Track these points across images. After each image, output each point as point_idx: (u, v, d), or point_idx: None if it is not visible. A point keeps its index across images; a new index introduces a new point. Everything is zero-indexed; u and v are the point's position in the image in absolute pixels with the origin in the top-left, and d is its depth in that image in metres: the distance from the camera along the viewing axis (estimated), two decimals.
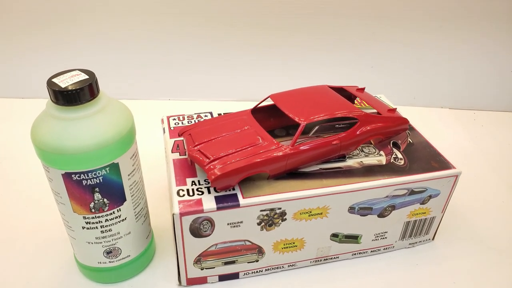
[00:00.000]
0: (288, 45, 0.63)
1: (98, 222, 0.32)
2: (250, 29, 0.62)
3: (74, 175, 0.29)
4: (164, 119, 0.41)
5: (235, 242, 0.34)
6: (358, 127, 0.36)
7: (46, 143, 0.28)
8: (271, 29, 0.62)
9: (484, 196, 0.47)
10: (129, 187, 0.32)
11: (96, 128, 0.29)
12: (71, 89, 0.27)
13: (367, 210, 0.35)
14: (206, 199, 0.32)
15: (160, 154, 0.50)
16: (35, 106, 0.61)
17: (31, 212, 0.43)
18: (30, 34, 0.62)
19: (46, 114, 0.29)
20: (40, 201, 0.44)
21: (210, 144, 0.34)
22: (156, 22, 0.61)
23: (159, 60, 0.64)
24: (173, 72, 0.65)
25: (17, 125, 0.58)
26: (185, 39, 0.63)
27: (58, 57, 0.64)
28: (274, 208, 0.32)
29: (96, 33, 0.62)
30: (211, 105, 0.65)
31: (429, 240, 0.41)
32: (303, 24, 0.61)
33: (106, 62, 0.64)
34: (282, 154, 0.33)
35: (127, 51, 0.64)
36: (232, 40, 0.63)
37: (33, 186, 0.47)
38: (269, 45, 0.63)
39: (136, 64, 0.65)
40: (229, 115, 0.38)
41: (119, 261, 0.35)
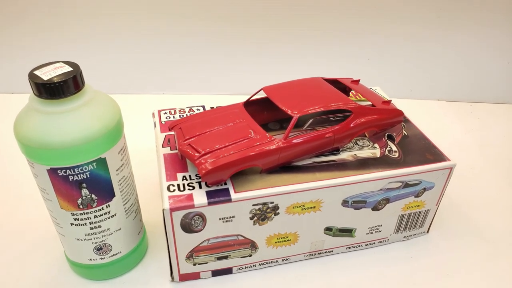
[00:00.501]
0: (282, 37, 0.62)
1: (86, 218, 0.31)
2: (244, 22, 0.61)
3: (59, 171, 0.28)
4: (155, 113, 0.40)
5: (228, 237, 0.33)
6: (352, 120, 0.35)
7: (29, 138, 0.28)
8: (265, 21, 0.61)
9: (480, 189, 0.47)
10: (117, 182, 0.31)
11: (81, 121, 0.28)
12: (55, 81, 0.27)
13: (361, 203, 0.35)
14: (197, 194, 0.31)
15: (152, 149, 0.49)
16: (19, 101, 0.61)
17: (19, 210, 0.43)
18: (16, 26, 0.61)
19: (29, 108, 0.28)
20: (28, 198, 0.44)
21: (201, 138, 0.33)
22: (149, 16, 0.60)
23: (153, 54, 0.63)
24: (166, 66, 0.64)
25: (1, 121, 0.57)
26: (179, 33, 0.61)
27: (47, 51, 0.63)
28: (267, 202, 0.32)
29: (89, 26, 0.61)
30: (205, 99, 0.64)
31: (423, 233, 0.40)
32: (298, 16, 0.60)
33: (99, 56, 0.63)
34: (275, 147, 0.32)
35: (121, 45, 0.63)
36: (225, 34, 0.62)
37: (21, 183, 0.46)
38: (263, 38, 0.62)
39: (130, 58, 0.64)
40: (221, 108, 0.37)
41: (110, 257, 0.34)
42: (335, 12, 0.60)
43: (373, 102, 0.38)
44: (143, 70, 0.64)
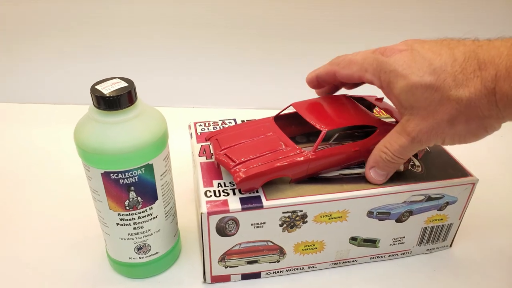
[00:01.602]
0: (308, 54, 0.65)
1: (131, 219, 0.34)
2: (272, 40, 0.64)
3: (112, 174, 0.32)
4: (191, 125, 0.44)
5: (258, 242, 0.36)
6: (377, 135, 0.37)
7: (87, 144, 0.31)
8: (291, 39, 0.64)
9: (501, 205, 0.47)
10: (161, 186, 0.34)
11: (134, 131, 0.31)
12: (113, 95, 0.30)
13: (385, 215, 0.37)
14: (231, 200, 0.34)
15: (184, 158, 0.53)
16: (72, 111, 0.66)
17: (67, 209, 0.46)
18: (66, 42, 0.67)
19: (88, 117, 0.32)
20: (76, 199, 0.47)
21: (235, 149, 0.36)
22: (179, 32, 0.65)
23: (183, 68, 0.68)
24: (197, 82, 0.68)
25: (60, 129, 0.61)
26: (209, 51, 0.66)
27: (85, 65, 0.68)
28: (296, 210, 0.34)
29: (122, 41, 0.66)
30: (233, 113, 0.67)
31: (446, 246, 0.41)
32: (323, 33, 0.63)
33: (132, 70, 0.68)
34: (304, 159, 0.35)
35: (153, 60, 0.67)
36: (254, 50, 0.65)
37: (70, 184, 0.50)
38: (289, 55, 0.65)
39: (162, 73, 0.68)
40: (253, 121, 0.40)
41: (149, 257, 0.37)
42: (358, 30, 0.63)
43: (397, 119, 0.40)
44: (174, 84, 0.69)
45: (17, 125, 0.63)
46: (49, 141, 0.59)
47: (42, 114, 0.66)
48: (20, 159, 0.55)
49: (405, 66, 0.31)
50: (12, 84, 0.70)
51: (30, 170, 0.53)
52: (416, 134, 0.32)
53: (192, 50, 0.66)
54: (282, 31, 0.64)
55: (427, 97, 0.30)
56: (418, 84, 0.30)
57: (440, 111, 0.30)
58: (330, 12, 0.62)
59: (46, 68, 0.68)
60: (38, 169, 0.53)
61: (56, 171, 0.53)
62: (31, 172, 0.53)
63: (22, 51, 0.67)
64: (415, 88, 0.30)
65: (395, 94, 0.32)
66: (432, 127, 0.31)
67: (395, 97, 0.32)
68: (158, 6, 0.63)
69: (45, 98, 0.69)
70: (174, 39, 0.65)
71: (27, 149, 0.58)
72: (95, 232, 0.42)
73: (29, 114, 0.66)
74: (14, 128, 0.62)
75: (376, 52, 0.33)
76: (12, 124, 0.63)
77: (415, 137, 0.32)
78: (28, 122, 0.64)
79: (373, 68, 0.33)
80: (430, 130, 0.31)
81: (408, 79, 0.31)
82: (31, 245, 0.42)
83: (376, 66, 0.33)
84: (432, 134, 0.31)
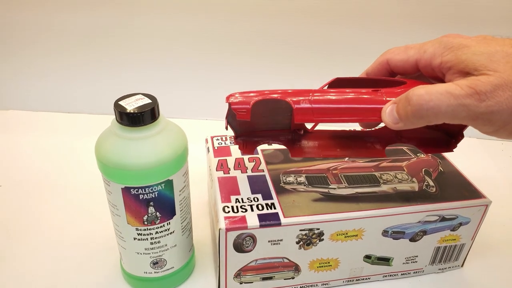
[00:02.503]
0: (324, 67, 0.66)
1: (149, 234, 0.34)
2: (287, 53, 0.65)
3: (132, 190, 0.32)
4: (208, 139, 0.44)
5: (274, 259, 0.36)
6: (406, 87, 0.31)
7: (109, 159, 0.31)
8: (308, 53, 0.65)
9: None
10: (179, 202, 0.34)
11: (156, 147, 0.32)
12: (137, 112, 0.31)
13: (399, 234, 0.37)
14: (249, 216, 0.34)
15: (198, 171, 0.53)
16: (90, 121, 0.66)
17: (82, 221, 0.46)
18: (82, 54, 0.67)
19: (110, 132, 0.32)
20: (90, 211, 0.47)
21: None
22: (194, 44, 0.65)
23: (196, 80, 0.68)
24: (209, 93, 0.69)
25: (77, 138, 0.62)
26: (223, 62, 0.66)
27: (97, 77, 0.69)
28: (313, 228, 0.34)
29: (135, 53, 0.67)
30: None
31: (458, 266, 0.42)
32: (342, 47, 0.64)
33: (146, 81, 0.68)
34: (306, 90, 0.32)
35: (166, 71, 0.68)
36: (268, 63, 0.66)
37: (85, 196, 0.50)
38: (305, 68, 0.65)
39: (174, 84, 0.68)
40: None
41: (164, 271, 0.37)
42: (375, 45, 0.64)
43: None
44: (188, 96, 0.69)
45: (34, 133, 0.63)
46: (65, 151, 0.59)
47: (60, 123, 0.67)
48: (37, 168, 0.55)
49: (479, 42, 0.27)
50: (33, 92, 0.70)
51: (47, 179, 0.53)
52: (487, 88, 0.25)
53: (207, 62, 0.66)
54: (300, 45, 0.64)
55: (508, 61, 0.26)
56: (500, 50, 0.26)
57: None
58: (348, 27, 0.63)
59: (66, 79, 0.69)
60: (54, 179, 0.53)
61: (72, 181, 0.53)
62: (47, 181, 0.53)
63: (45, 61, 0.68)
64: (495, 52, 0.26)
65: (463, 59, 0.27)
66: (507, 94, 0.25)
67: (463, 62, 0.27)
68: (171, 19, 0.64)
69: (64, 107, 0.70)
70: (187, 51, 0.66)
71: (44, 158, 0.58)
72: (109, 244, 0.42)
73: (47, 123, 0.67)
74: (31, 136, 0.63)
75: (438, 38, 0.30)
76: (29, 132, 0.64)
77: (482, 92, 0.25)
78: (47, 130, 0.65)
79: (434, 47, 0.29)
80: (503, 91, 0.25)
81: (486, 46, 0.27)
82: (44, 257, 0.42)
83: (439, 44, 0.29)
84: (502, 100, 0.25)
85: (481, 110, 0.26)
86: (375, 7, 0.61)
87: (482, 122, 0.26)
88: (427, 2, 0.60)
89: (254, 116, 0.34)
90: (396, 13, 0.61)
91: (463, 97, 0.26)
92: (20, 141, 0.61)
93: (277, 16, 0.62)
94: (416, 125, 0.28)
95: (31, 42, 0.66)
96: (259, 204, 0.35)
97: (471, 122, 0.27)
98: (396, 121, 0.29)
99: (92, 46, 0.66)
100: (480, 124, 0.27)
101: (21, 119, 0.67)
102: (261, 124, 0.36)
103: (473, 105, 0.26)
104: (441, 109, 0.26)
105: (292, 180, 0.39)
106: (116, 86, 0.69)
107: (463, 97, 0.26)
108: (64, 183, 0.53)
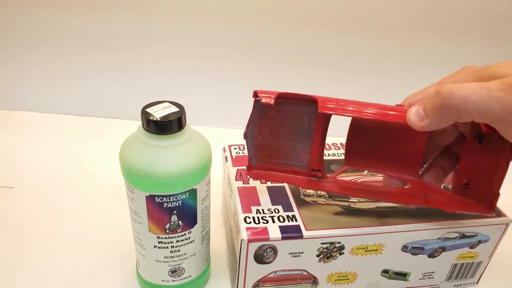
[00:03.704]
0: (333, 78, 0.66)
1: (169, 242, 0.34)
2: (297, 60, 0.65)
3: (157, 198, 0.32)
4: (226, 148, 0.44)
5: (293, 271, 0.36)
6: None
7: (135, 166, 0.31)
8: (322, 64, 0.65)
9: None
10: (201, 211, 0.34)
11: (182, 156, 0.31)
12: (165, 120, 0.31)
13: (419, 249, 0.37)
14: (271, 228, 0.34)
15: (214, 180, 0.52)
16: (97, 124, 0.67)
17: (97, 226, 0.46)
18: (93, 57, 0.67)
19: (136, 138, 0.32)
20: (104, 215, 0.47)
21: None
22: (207, 51, 0.65)
23: (209, 88, 0.68)
24: (222, 100, 0.69)
25: (96, 142, 0.62)
26: (236, 70, 0.66)
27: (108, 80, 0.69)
28: (334, 242, 0.34)
29: (148, 58, 0.67)
30: None
31: (473, 283, 0.42)
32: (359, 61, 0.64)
33: (158, 87, 0.68)
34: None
35: (179, 78, 0.68)
36: (280, 72, 0.66)
37: (98, 200, 0.50)
38: (319, 78, 0.66)
39: (188, 91, 0.68)
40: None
41: (181, 280, 0.37)
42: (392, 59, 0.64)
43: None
44: (200, 104, 0.69)
45: (45, 135, 0.63)
46: (77, 153, 0.59)
47: (72, 125, 0.67)
48: (50, 170, 0.55)
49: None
50: (43, 94, 0.70)
51: (60, 182, 0.53)
52: None
53: (220, 70, 0.67)
54: (312, 55, 0.64)
55: None
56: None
57: None
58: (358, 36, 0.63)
59: (78, 81, 0.69)
60: (67, 181, 0.53)
61: (86, 184, 0.53)
62: (60, 184, 0.53)
63: (57, 63, 0.68)
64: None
65: (488, 73, 0.27)
66: None
67: (491, 72, 0.27)
68: (185, 24, 0.64)
69: (75, 109, 0.70)
70: (199, 58, 0.66)
71: (56, 160, 0.57)
72: (126, 250, 0.42)
73: (58, 125, 0.67)
74: (42, 138, 0.62)
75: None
76: (40, 134, 0.64)
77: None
78: (58, 132, 0.64)
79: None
80: None
81: (507, 63, 0.27)
82: (58, 261, 0.41)
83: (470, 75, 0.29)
84: None
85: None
86: (386, 15, 0.61)
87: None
88: (430, 8, 0.60)
89: (274, 129, 0.34)
90: (400, 22, 0.61)
91: (496, 90, 0.25)
92: (30, 143, 0.61)
93: (297, 25, 0.62)
94: (443, 120, 0.27)
95: (44, 44, 0.66)
96: (280, 215, 0.35)
97: (504, 116, 0.25)
98: (422, 118, 0.28)
99: (105, 49, 0.66)
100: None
101: (32, 120, 0.67)
102: (278, 153, 0.35)
103: (507, 97, 0.25)
104: (471, 98, 0.25)
105: (312, 193, 0.38)
106: (127, 90, 0.69)
107: (495, 90, 0.25)
108: (77, 186, 0.52)
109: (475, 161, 0.32)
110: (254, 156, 0.35)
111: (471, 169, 0.32)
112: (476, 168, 0.32)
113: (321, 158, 0.35)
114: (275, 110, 0.33)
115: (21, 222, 0.46)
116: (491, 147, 0.31)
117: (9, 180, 0.52)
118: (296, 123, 0.34)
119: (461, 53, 0.63)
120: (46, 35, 0.65)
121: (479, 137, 0.31)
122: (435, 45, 0.63)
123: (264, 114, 0.34)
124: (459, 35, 0.62)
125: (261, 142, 0.35)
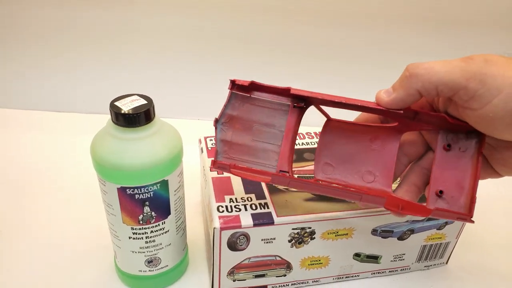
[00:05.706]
0: (318, 69, 0.67)
1: (144, 233, 0.35)
2: (280, 52, 0.65)
3: (128, 190, 0.32)
4: (201, 139, 0.44)
5: (267, 257, 0.37)
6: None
7: (105, 160, 0.32)
8: (301, 55, 0.65)
9: (497, 224, 0.50)
10: (174, 202, 0.35)
11: (152, 148, 0.32)
12: (132, 113, 0.31)
13: (388, 233, 0.38)
14: (243, 216, 0.35)
15: (190, 171, 0.53)
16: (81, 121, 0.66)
17: (75, 220, 0.46)
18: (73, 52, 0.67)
19: (106, 132, 0.33)
20: (83, 210, 0.47)
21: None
22: (186, 42, 0.65)
23: (189, 80, 0.68)
24: (202, 93, 0.69)
25: (70, 137, 0.62)
26: (216, 61, 0.66)
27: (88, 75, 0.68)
28: (305, 227, 0.35)
29: (128, 52, 0.67)
30: None
31: (443, 263, 0.43)
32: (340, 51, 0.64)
33: (138, 80, 0.68)
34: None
35: (158, 70, 0.68)
36: (261, 63, 0.66)
37: (79, 195, 0.50)
38: (300, 69, 0.66)
39: (166, 83, 0.68)
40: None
41: (158, 270, 0.37)
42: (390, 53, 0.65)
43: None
44: (179, 96, 0.69)
45: (29, 132, 0.63)
46: (60, 150, 0.59)
47: (56, 122, 0.66)
48: (29, 167, 0.55)
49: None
50: (29, 92, 0.69)
51: (40, 178, 0.53)
52: (480, 58, 0.27)
53: (199, 61, 0.67)
54: (295, 46, 0.65)
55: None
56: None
57: None
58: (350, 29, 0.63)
59: (63, 78, 0.68)
60: (48, 178, 0.53)
61: (66, 180, 0.53)
62: (40, 180, 0.53)
63: (42, 60, 0.67)
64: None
65: None
66: None
67: None
68: (165, 19, 0.64)
69: (59, 106, 0.69)
70: (179, 50, 0.66)
71: (39, 157, 0.57)
72: (103, 243, 0.43)
73: (42, 122, 0.66)
74: (26, 135, 0.62)
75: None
76: (24, 131, 0.63)
77: (476, 57, 0.27)
78: (42, 129, 0.64)
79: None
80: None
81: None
82: (38, 256, 0.42)
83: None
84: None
85: (474, 68, 0.27)
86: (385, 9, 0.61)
87: (475, 84, 0.26)
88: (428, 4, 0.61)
89: (245, 125, 0.34)
90: (396, 14, 0.62)
91: (457, 61, 0.27)
92: (14, 140, 0.61)
93: (272, 16, 0.63)
94: (408, 91, 0.29)
95: (28, 42, 0.65)
96: (252, 203, 0.36)
97: (465, 82, 0.27)
98: (390, 94, 0.30)
99: (90, 46, 0.66)
100: (473, 87, 0.26)
101: (17, 118, 0.67)
102: (247, 151, 0.34)
103: (467, 65, 0.27)
104: (435, 69, 0.27)
105: None
106: (111, 86, 0.68)
107: (457, 61, 0.27)
108: (58, 182, 0.52)
109: (447, 169, 0.32)
110: (222, 152, 0.34)
111: (444, 177, 0.33)
112: (448, 175, 0.32)
113: (290, 159, 0.34)
114: (247, 106, 0.33)
115: (0, 218, 0.46)
116: (459, 151, 0.32)
117: None
118: (269, 120, 0.34)
119: (455, 45, 0.64)
120: (28, 34, 0.64)
121: (447, 145, 0.32)
122: (429, 37, 0.64)
123: (238, 107, 0.34)
124: (453, 26, 0.62)
125: (231, 137, 0.34)
